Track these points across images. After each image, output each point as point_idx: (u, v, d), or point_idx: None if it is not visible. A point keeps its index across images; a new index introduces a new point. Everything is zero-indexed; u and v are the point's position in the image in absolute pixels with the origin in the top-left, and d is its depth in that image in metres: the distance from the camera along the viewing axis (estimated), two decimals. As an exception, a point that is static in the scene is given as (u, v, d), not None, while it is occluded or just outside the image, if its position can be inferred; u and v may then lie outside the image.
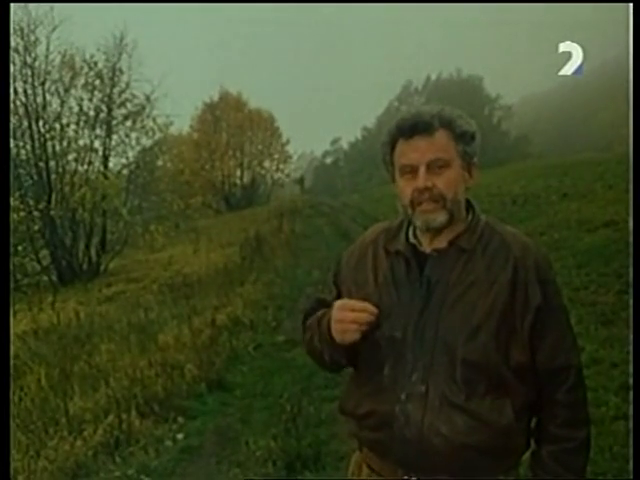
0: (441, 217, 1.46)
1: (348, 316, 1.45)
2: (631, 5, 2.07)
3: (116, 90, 19.22)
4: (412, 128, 1.46)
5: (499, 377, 1.45)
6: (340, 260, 1.69)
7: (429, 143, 1.45)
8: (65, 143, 18.22)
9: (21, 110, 17.29)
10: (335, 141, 61.63)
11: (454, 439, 1.42)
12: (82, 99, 18.69)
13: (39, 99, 17.65)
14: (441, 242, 1.51)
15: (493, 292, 1.45)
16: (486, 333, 1.43)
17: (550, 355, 1.48)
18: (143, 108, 19.76)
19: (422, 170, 1.45)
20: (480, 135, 1.53)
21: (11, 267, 13.74)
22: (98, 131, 18.94)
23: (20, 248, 15.78)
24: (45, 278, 16.68)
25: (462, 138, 1.48)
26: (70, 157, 18.39)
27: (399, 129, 1.48)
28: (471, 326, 1.43)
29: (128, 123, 19.67)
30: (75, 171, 18.27)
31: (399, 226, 1.60)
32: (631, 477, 1.83)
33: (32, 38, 17.28)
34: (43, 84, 17.70)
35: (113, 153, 19.45)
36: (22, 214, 15.77)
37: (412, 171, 1.46)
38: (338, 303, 1.50)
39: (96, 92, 18.87)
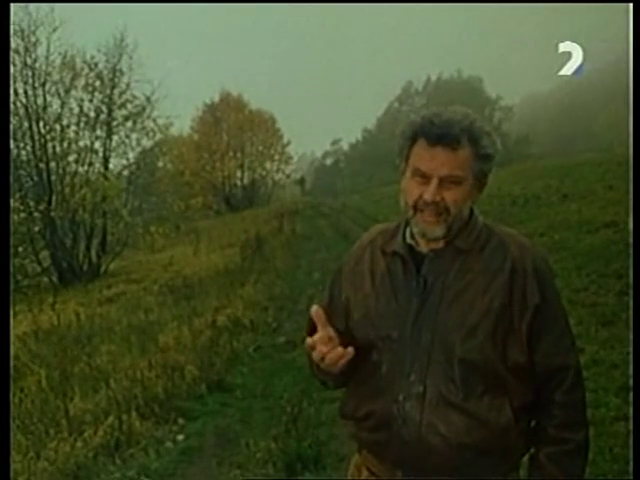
0: (439, 231, 1.45)
1: (317, 355, 1.44)
2: (631, 5, 2.06)
3: (116, 91, 19.29)
4: (439, 137, 1.41)
5: (497, 377, 1.44)
6: (340, 265, 1.69)
7: (450, 158, 1.41)
8: (65, 144, 18.26)
9: (21, 111, 17.33)
10: (335, 142, 61.76)
11: (452, 439, 1.42)
12: (82, 100, 18.78)
13: (39, 100, 17.70)
14: (438, 242, 1.50)
15: (490, 291, 1.44)
16: (483, 332, 1.42)
17: (548, 355, 1.47)
18: (143, 109, 19.83)
19: (434, 182, 1.42)
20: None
21: (11, 268, 13.74)
22: (98, 132, 19.02)
23: (20, 249, 15.82)
24: (45, 279, 16.72)
25: (483, 158, 1.45)
26: (70, 158, 18.44)
27: (424, 131, 1.43)
28: (468, 325, 1.43)
29: (128, 124, 19.74)
30: (75, 172, 18.30)
31: (396, 228, 1.59)
32: (631, 478, 1.82)
33: (32, 39, 17.36)
34: (43, 85, 17.74)
35: (113, 154, 19.52)
36: (22, 215, 15.82)
37: (424, 177, 1.43)
38: (307, 342, 1.47)
39: (96, 93, 18.94)
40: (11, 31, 15.57)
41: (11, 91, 16.10)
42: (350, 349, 1.43)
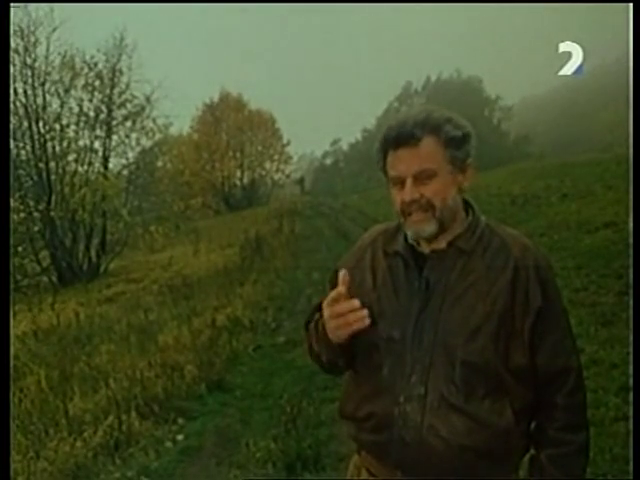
0: (430, 228, 1.45)
1: (336, 310, 1.41)
2: (631, 5, 2.06)
3: (116, 91, 19.29)
4: (396, 140, 1.44)
5: (498, 379, 1.44)
6: (339, 264, 1.68)
7: (414, 155, 1.43)
8: (65, 144, 18.26)
9: (21, 111, 17.32)
10: (335, 142, 61.65)
11: (453, 441, 1.42)
12: (82, 100, 18.78)
13: (39, 100, 17.69)
14: (440, 243, 1.50)
15: (493, 293, 1.44)
16: (485, 335, 1.42)
17: (550, 357, 1.47)
18: (143, 109, 19.84)
19: (408, 182, 1.43)
20: (476, 135, 1.50)
21: (11, 268, 13.73)
22: (98, 132, 19.02)
23: (20, 249, 15.81)
24: (45, 279, 16.71)
25: (451, 143, 1.45)
26: (70, 158, 18.45)
27: (386, 140, 1.47)
28: (470, 327, 1.42)
29: (128, 124, 19.75)
30: (75, 172, 18.30)
31: (397, 227, 1.59)
32: (631, 478, 1.82)
33: (32, 39, 17.36)
34: (43, 85, 17.74)
35: (113, 154, 19.53)
36: (22, 215, 15.81)
37: (400, 182, 1.45)
38: (325, 301, 1.46)
39: (96, 93, 18.95)
40: (11, 31, 15.58)
41: (11, 91, 16.10)
42: (366, 313, 1.39)
